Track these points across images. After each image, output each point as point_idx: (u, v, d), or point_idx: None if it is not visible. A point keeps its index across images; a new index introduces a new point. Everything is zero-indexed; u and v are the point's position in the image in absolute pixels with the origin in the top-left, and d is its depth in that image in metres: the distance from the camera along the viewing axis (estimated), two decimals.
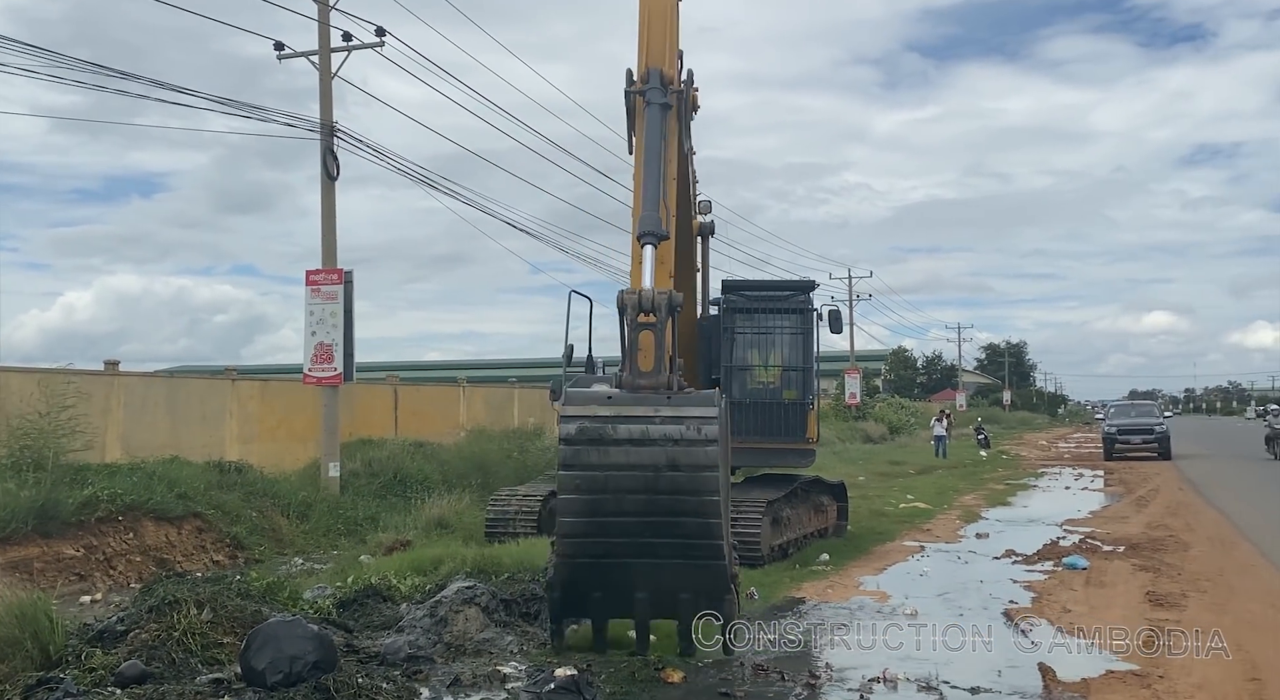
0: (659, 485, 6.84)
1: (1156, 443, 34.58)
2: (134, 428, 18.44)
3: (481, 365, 76.86)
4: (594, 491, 6.95)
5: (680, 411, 6.88)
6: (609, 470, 6.87)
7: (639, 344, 7.31)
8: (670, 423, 6.81)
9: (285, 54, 18.95)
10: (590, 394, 7.15)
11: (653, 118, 9.02)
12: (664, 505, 6.89)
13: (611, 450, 6.86)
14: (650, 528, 6.94)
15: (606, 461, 6.87)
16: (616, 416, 6.88)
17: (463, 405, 27.34)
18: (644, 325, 7.33)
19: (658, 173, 8.63)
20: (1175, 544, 14.20)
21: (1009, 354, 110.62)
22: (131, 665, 6.54)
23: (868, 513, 17.89)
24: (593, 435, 6.88)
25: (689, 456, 6.81)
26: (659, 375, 7.17)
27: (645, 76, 9.24)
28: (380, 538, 14.34)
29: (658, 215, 8.26)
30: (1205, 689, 7.04)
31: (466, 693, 6.88)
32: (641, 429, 6.83)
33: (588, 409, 6.95)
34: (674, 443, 6.82)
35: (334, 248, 18.66)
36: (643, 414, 6.86)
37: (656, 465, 6.83)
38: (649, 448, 6.81)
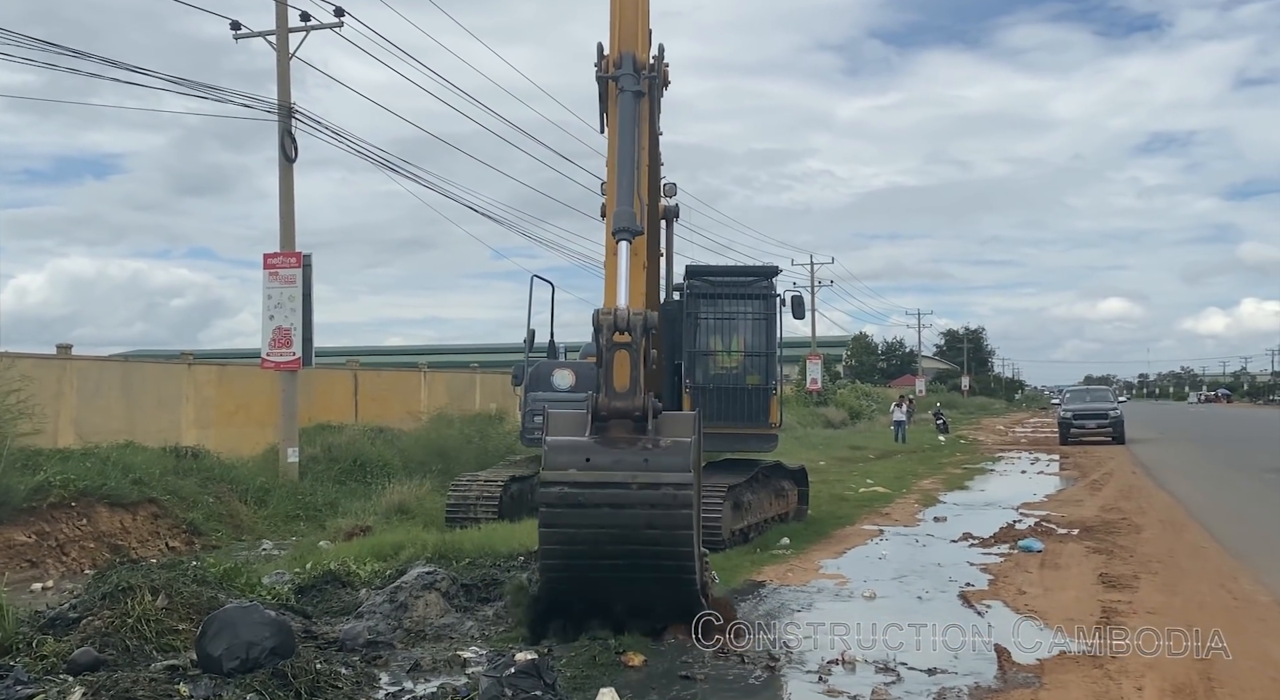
0: (635, 539, 7.17)
1: (1111, 427, 35.12)
2: (87, 412, 18.15)
3: (443, 350, 76.35)
4: (573, 544, 7.28)
5: (657, 477, 7.08)
6: (588, 528, 7.17)
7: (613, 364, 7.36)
8: (647, 489, 7.06)
9: (242, 34, 18.66)
10: (569, 448, 7.21)
11: (626, 106, 8.84)
12: (640, 553, 7.24)
13: (590, 512, 7.13)
14: (627, 567, 7.30)
15: (584, 522, 7.16)
16: (594, 482, 7.10)
17: (424, 390, 27.18)
18: (619, 345, 7.36)
19: (632, 164, 8.53)
20: (1128, 527, 14.44)
21: (968, 340, 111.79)
22: (84, 652, 6.45)
23: (828, 497, 18.03)
24: (571, 501, 7.12)
25: (665, 518, 7.12)
26: (634, 397, 7.25)
27: (618, 61, 9.03)
28: (340, 523, 14.24)
29: (632, 210, 8.21)
30: (1156, 668, 7.16)
31: (426, 678, 6.85)
32: (619, 495, 7.09)
33: (566, 475, 7.14)
34: (650, 507, 7.08)
35: (292, 231, 18.44)
36: (619, 480, 7.08)
37: (633, 526, 7.13)
38: (626, 511, 7.11)
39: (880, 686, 6.80)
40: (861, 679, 7.01)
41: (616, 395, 7.25)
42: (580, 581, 7.47)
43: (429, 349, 78.88)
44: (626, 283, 7.79)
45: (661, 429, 7.27)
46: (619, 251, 8.04)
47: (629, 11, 9.39)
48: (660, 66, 9.90)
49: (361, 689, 6.47)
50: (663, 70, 9.98)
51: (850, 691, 6.74)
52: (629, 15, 9.36)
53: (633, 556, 7.22)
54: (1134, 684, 6.85)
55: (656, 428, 7.25)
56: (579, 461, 7.11)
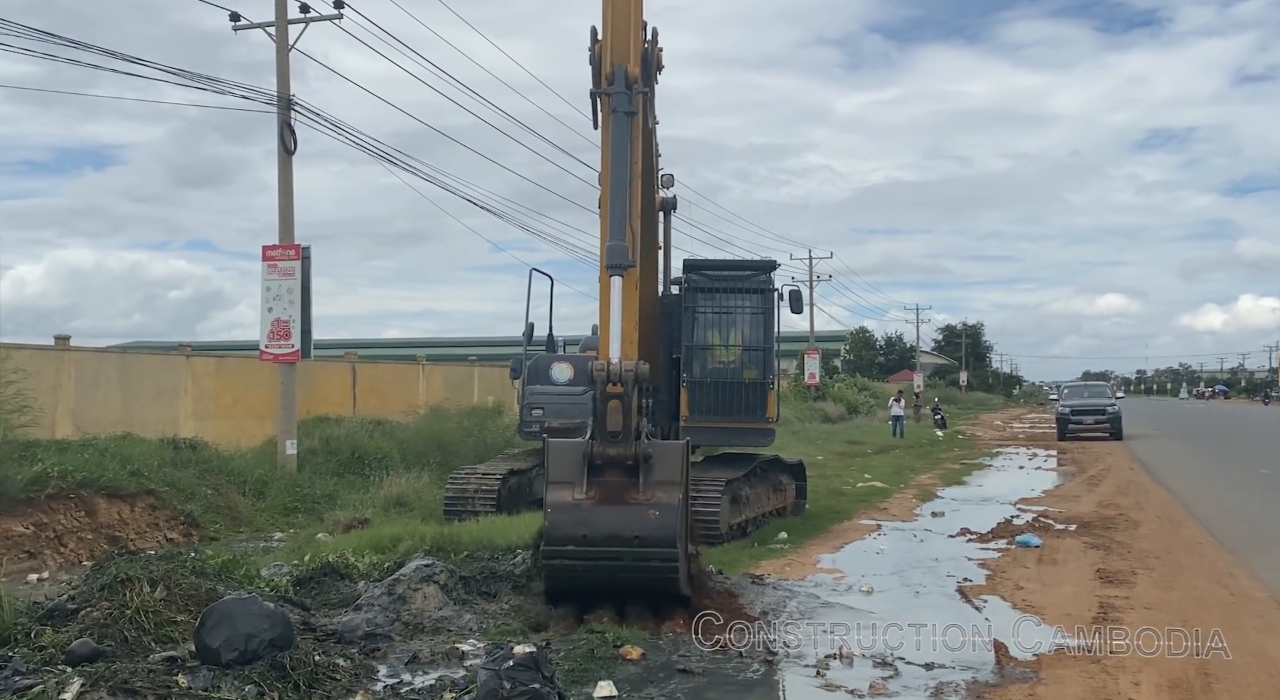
0: (627, 572, 7.94)
1: (1109, 423, 35.17)
2: (85, 404, 18.14)
3: (441, 343, 76.35)
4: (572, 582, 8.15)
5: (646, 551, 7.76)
6: (584, 561, 7.93)
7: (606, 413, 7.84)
8: (638, 561, 7.82)
9: (241, 25, 18.61)
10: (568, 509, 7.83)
11: (619, 128, 8.54)
12: (632, 582, 8.04)
13: (588, 550, 7.86)
14: (621, 583, 8.09)
15: (582, 559, 7.92)
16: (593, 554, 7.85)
17: (422, 383, 27.18)
18: (612, 395, 7.79)
19: (625, 193, 8.37)
20: (1125, 522, 14.47)
21: (966, 335, 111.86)
22: (83, 643, 6.45)
23: (826, 492, 18.04)
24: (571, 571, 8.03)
25: (656, 554, 7.81)
26: (626, 445, 7.80)
27: (610, 76, 8.62)
28: (338, 516, 14.24)
29: (624, 245, 8.18)
30: (1153, 664, 7.18)
31: (425, 670, 6.86)
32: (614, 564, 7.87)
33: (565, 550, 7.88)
34: (643, 572, 7.92)
35: (291, 223, 18.41)
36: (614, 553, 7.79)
37: (628, 581, 7.99)
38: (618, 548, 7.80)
39: (878, 680, 6.81)
40: (859, 673, 7.03)
41: (610, 441, 7.80)
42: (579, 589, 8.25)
43: (427, 342, 78.88)
44: (619, 326, 8.05)
45: (653, 470, 7.82)
46: (612, 286, 8.15)
47: (621, 21, 8.84)
48: (654, 53, 9.47)
49: (360, 681, 6.48)
50: (656, 55, 9.57)
51: (848, 685, 6.75)
52: (621, 25, 8.83)
53: (625, 582, 8.06)
54: (1131, 679, 6.87)
55: (647, 471, 7.80)
56: (576, 538, 7.80)
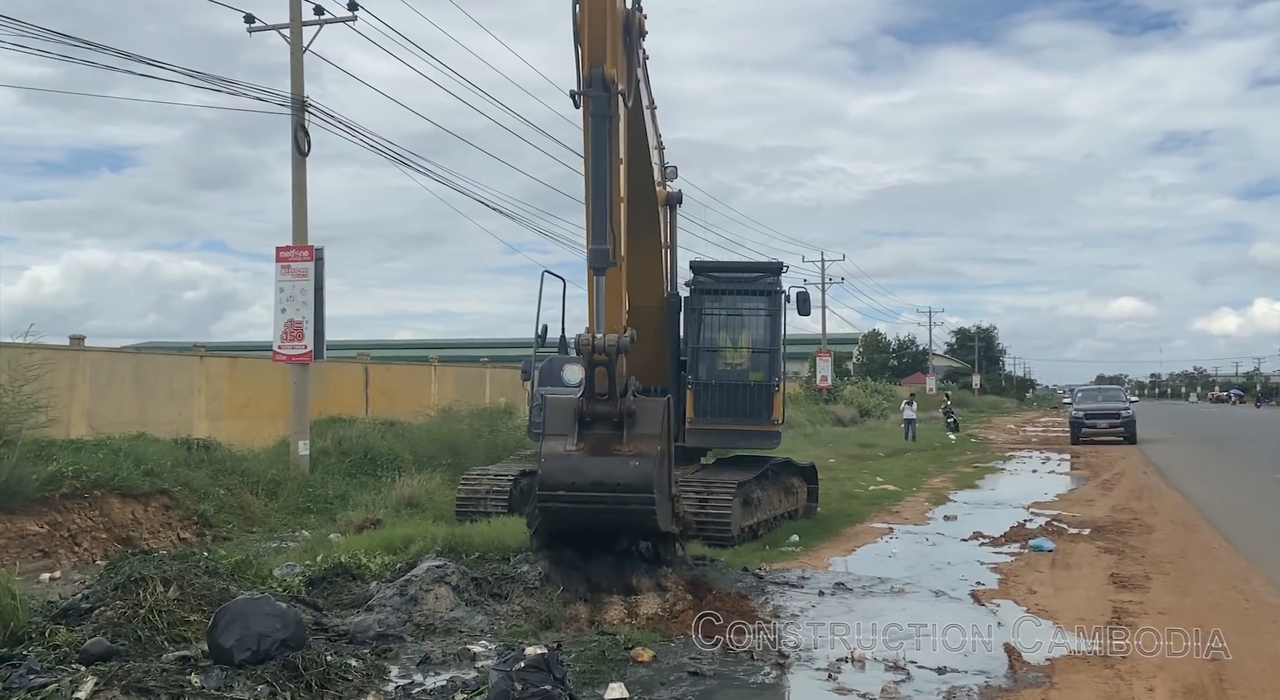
0: (612, 514, 8.62)
1: (1122, 427, 34.96)
2: (100, 403, 18.23)
3: (453, 345, 76.52)
4: (564, 522, 8.90)
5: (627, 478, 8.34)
6: (573, 505, 8.57)
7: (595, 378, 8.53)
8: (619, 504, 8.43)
9: (256, 27, 18.67)
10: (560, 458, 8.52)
11: (598, 135, 8.58)
12: (616, 521, 8.83)
13: (576, 494, 8.51)
14: (607, 525, 8.95)
15: (571, 501, 8.56)
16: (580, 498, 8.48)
17: (434, 384, 27.23)
18: (598, 363, 8.47)
19: (605, 195, 8.50)
20: (1139, 527, 14.39)
21: (979, 338, 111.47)
22: (96, 642, 6.47)
23: (837, 495, 18.00)
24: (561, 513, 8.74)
25: (637, 500, 8.43)
26: (612, 403, 8.47)
27: (589, 79, 8.59)
28: (350, 516, 14.26)
29: (605, 249, 8.49)
30: (1167, 668, 7.14)
31: (436, 671, 6.86)
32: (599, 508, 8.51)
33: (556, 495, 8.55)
34: (623, 515, 8.59)
35: (305, 224, 18.47)
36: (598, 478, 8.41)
37: (612, 522, 8.80)
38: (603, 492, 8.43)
39: (890, 685, 6.79)
40: (871, 677, 7.01)
41: (597, 399, 8.50)
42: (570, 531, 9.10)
43: (439, 343, 79.03)
44: (603, 312, 8.65)
45: (636, 425, 8.50)
46: (595, 284, 8.64)
47: (598, 22, 8.68)
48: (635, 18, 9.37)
49: (371, 681, 6.49)
50: (639, 19, 9.49)
51: (860, 689, 6.73)
52: (598, 27, 8.69)
53: (611, 523, 8.88)
54: (1145, 684, 6.83)
55: (631, 426, 8.48)
56: (566, 484, 8.48)
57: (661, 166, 12.95)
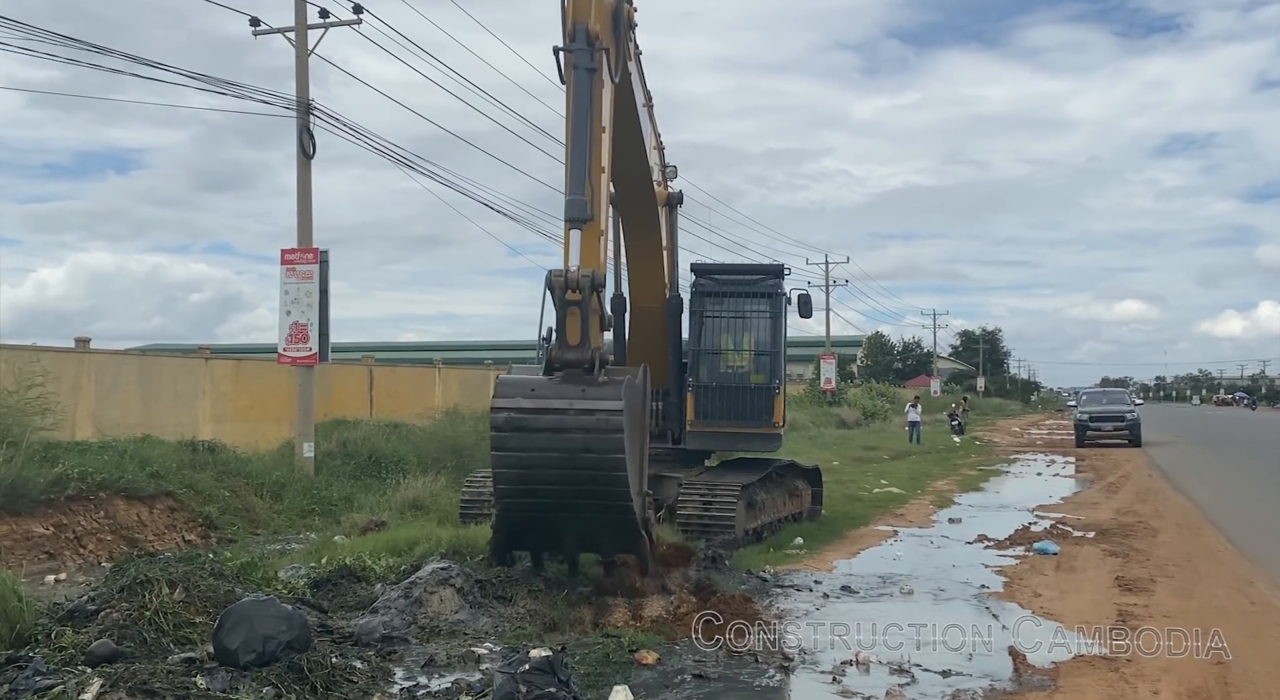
0: (575, 463, 7.90)
1: (1127, 430, 34.89)
2: (105, 406, 18.27)
3: (457, 347, 76.53)
4: (521, 468, 8.05)
5: (592, 404, 7.84)
6: (532, 451, 7.94)
7: (567, 321, 8.14)
8: (583, 415, 7.81)
9: (261, 30, 18.71)
10: (517, 383, 8.14)
11: (580, 85, 8.69)
12: (581, 477, 7.98)
13: (534, 437, 7.90)
14: (571, 491, 8.06)
15: (530, 446, 7.93)
16: (537, 408, 7.89)
17: (438, 387, 27.25)
18: (570, 302, 8.11)
19: (584, 150, 8.55)
20: (1144, 530, 14.36)
21: (983, 341, 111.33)
22: (102, 644, 6.49)
23: (842, 497, 17.98)
24: (517, 424, 7.93)
25: (599, 442, 7.83)
26: (584, 350, 8.06)
27: (571, 33, 8.76)
28: (355, 518, 14.28)
29: (583, 199, 8.42)
30: (1172, 672, 7.13)
31: (441, 673, 6.87)
32: (558, 420, 7.85)
33: (513, 402, 7.95)
34: (585, 432, 7.84)
35: (309, 227, 18.49)
36: (558, 407, 7.86)
37: (572, 450, 7.89)
38: (565, 435, 7.85)
39: (895, 688, 6.79)
40: (876, 680, 7.00)
41: (568, 349, 8.08)
42: (530, 505, 8.27)
43: (444, 345, 79.08)
44: (577, 253, 8.36)
45: (609, 373, 8.10)
46: (570, 237, 8.46)
47: None
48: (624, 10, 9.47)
49: (376, 683, 6.50)
50: (628, 13, 9.58)
51: (865, 692, 6.73)
52: None
53: (574, 480, 7.95)
54: (1150, 687, 6.83)
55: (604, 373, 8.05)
56: (525, 392, 7.93)
57: (661, 166, 12.94)
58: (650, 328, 13.71)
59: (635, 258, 13.35)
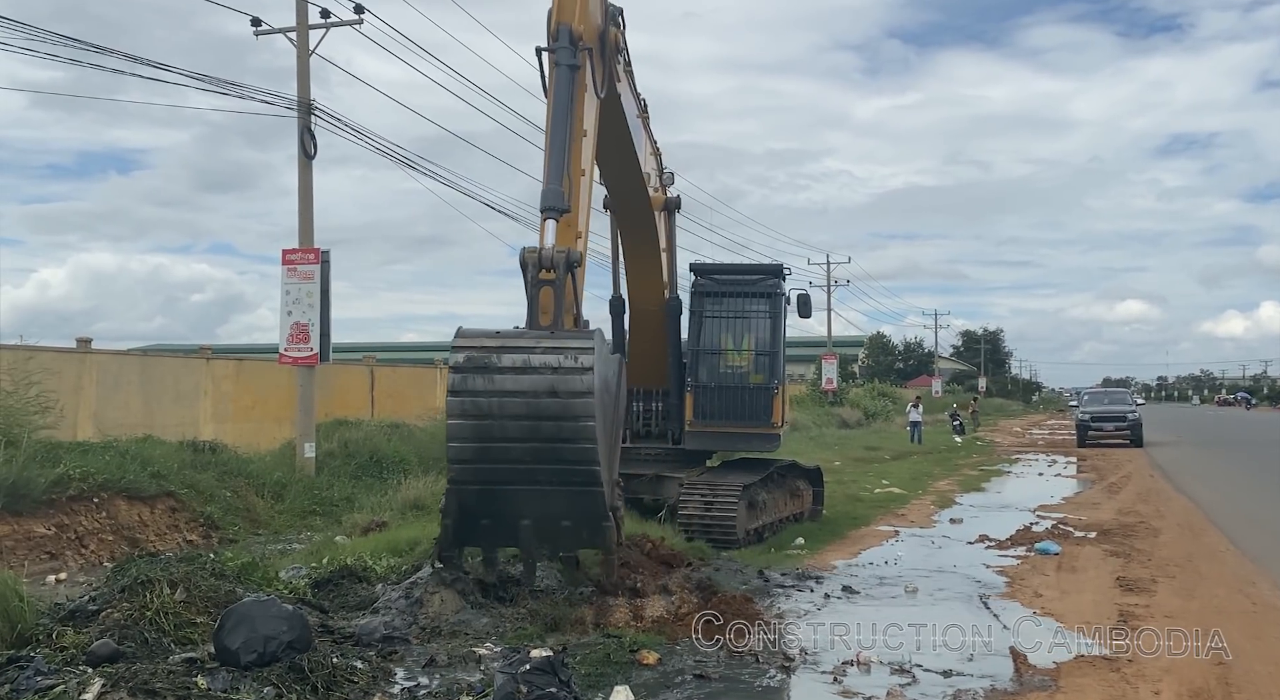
0: (540, 411, 7.36)
1: (1129, 430, 34.86)
2: (106, 406, 18.28)
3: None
4: (480, 417, 7.47)
5: (560, 342, 7.44)
6: (494, 396, 7.39)
7: (539, 300, 7.83)
8: (550, 353, 7.35)
9: (262, 30, 18.72)
10: (479, 330, 7.66)
11: (561, 80, 8.72)
12: (545, 431, 7.41)
13: (496, 377, 7.37)
14: (532, 453, 7.47)
15: (491, 388, 7.38)
16: (501, 346, 7.45)
17: (439, 387, 27.23)
18: (544, 282, 7.88)
19: (563, 143, 8.54)
20: (1146, 530, 14.35)
21: (985, 341, 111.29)
22: (104, 644, 6.49)
23: (843, 497, 17.98)
24: (479, 363, 7.42)
25: (567, 384, 7.32)
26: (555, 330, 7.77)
27: (555, 33, 8.85)
28: (356, 518, 14.27)
29: (559, 189, 8.35)
30: (1173, 672, 7.13)
31: (442, 674, 6.87)
32: (524, 358, 7.37)
33: (475, 340, 7.50)
34: (553, 370, 7.34)
35: (311, 227, 18.50)
36: (525, 344, 7.43)
37: (537, 391, 7.35)
38: (530, 375, 7.34)
39: (895, 688, 6.78)
40: (876, 680, 7.00)
41: (540, 329, 7.76)
42: (485, 474, 7.63)
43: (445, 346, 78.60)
44: (552, 237, 8.13)
45: None
46: (545, 229, 8.26)
47: None
48: (609, 26, 9.58)
49: (377, 683, 6.50)
50: (613, 34, 9.64)
51: (865, 693, 6.72)
52: None
53: (537, 434, 7.39)
54: (1151, 688, 6.82)
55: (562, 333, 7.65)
56: (489, 334, 7.51)
57: (659, 171, 12.93)
58: (650, 329, 13.71)
59: (633, 261, 13.35)
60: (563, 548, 8.10)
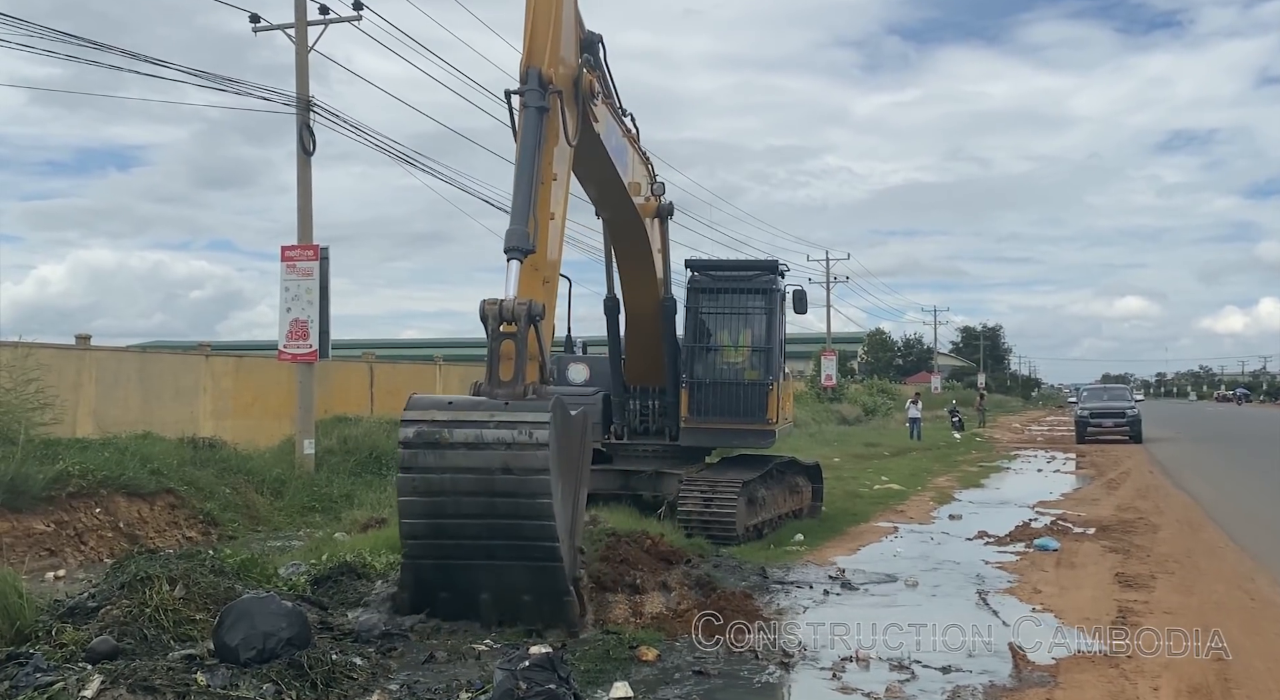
0: (494, 487, 7.17)
1: (1128, 426, 34.89)
2: (105, 403, 18.26)
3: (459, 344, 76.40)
4: (432, 494, 7.31)
5: (514, 417, 7.21)
6: (445, 472, 7.23)
7: (499, 353, 7.62)
8: (504, 427, 7.15)
9: (261, 27, 18.70)
10: (431, 400, 7.54)
11: (528, 123, 8.62)
12: (500, 507, 7.21)
13: (448, 453, 7.20)
14: (488, 529, 7.28)
15: (443, 464, 7.22)
16: (452, 421, 7.24)
17: (439, 383, 27.24)
18: (505, 335, 7.63)
19: (529, 185, 8.43)
20: (1145, 526, 14.36)
21: (984, 337, 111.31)
22: (103, 641, 6.49)
23: (842, 494, 17.98)
24: (429, 439, 7.25)
25: (521, 460, 7.13)
26: (516, 386, 7.51)
27: (524, 76, 8.76)
28: (355, 515, 14.28)
29: (525, 230, 8.21)
30: (1172, 668, 7.13)
31: (441, 670, 6.87)
32: (476, 433, 7.17)
33: (426, 414, 7.32)
34: (506, 447, 7.14)
35: (310, 224, 18.49)
36: (477, 419, 7.21)
37: (490, 468, 7.16)
38: (483, 452, 7.15)
39: (894, 684, 6.79)
40: (875, 676, 7.00)
41: (500, 384, 7.55)
42: (440, 549, 7.47)
43: (445, 342, 78.92)
44: (515, 286, 7.93)
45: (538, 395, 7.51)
46: (509, 269, 8.03)
47: (541, 25, 8.93)
48: (582, 71, 9.46)
49: (376, 680, 6.50)
50: (587, 80, 9.48)
51: (864, 689, 6.73)
52: (541, 29, 8.92)
53: (492, 511, 7.20)
54: (1150, 684, 6.82)
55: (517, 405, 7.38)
56: (441, 404, 7.35)
57: (650, 180, 12.87)
58: (645, 329, 13.70)
59: (626, 266, 13.31)
60: (523, 622, 7.53)
